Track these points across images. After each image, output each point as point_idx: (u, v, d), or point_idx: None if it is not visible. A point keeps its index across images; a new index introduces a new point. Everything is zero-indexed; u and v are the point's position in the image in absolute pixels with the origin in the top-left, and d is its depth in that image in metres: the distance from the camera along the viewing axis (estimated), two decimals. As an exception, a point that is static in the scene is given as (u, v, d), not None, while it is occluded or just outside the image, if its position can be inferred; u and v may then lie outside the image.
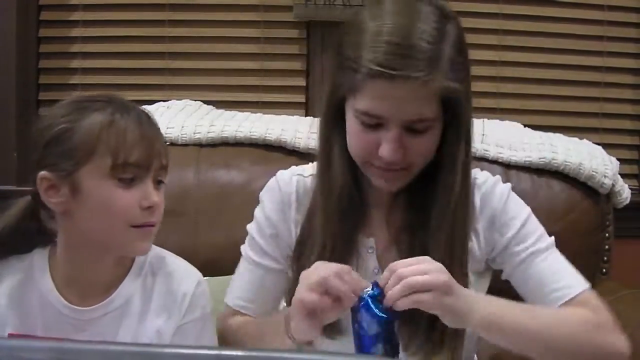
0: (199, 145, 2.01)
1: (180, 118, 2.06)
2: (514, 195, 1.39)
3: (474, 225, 1.35)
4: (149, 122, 1.24)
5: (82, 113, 1.20)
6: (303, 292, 1.17)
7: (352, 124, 1.27)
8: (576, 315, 1.28)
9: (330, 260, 1.25)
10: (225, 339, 1.42)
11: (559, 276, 1.32)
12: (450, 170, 1.29)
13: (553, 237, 1.38)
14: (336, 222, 1.32)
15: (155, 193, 1.22)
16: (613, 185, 1.97)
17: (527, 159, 1.95)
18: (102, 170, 1.18)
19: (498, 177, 1.41)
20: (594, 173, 1.94)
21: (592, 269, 1.99)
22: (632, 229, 2.25)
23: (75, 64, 2.45)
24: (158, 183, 1.24)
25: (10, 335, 1.21)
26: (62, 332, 1.22)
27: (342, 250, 1.31)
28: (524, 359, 1.28)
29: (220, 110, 2.18)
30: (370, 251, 1.36)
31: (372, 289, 1.17)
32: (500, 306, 1.23)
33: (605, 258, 2.00)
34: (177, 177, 1.96)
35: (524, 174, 1.96)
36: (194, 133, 2.01)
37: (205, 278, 1.88)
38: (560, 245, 1.91)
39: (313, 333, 1.20)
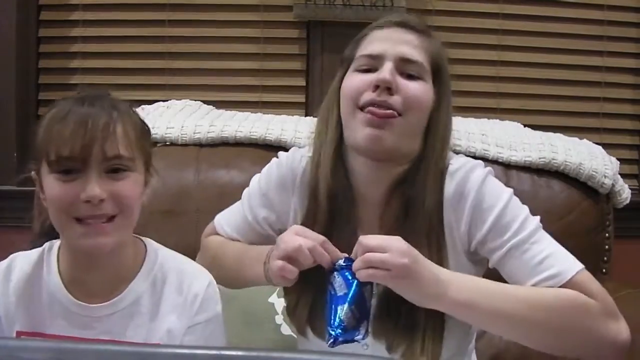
0: (199, 145, 2.01)
1: (180, 118, 2.06)
2: (490, 181, 1.33)
3: (447, 216, 1.32)
4: (98, 111, 1.18)
5: (44, 119, 1.21)
6: (279, 263, 1.26)
7: (349, 74, 1.36)
8: (561, 297, 1.23)
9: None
10: (204, 253, 1.53)
11: (545, 265, 1.26)
12: (430, 154, 1.33)
13: (538, 218, 1.32)
14: (330, 214, 1.34)
15: (95, 185, 1.15)
16: (613, 185, 1.97)
17: (527, 159, 1.95)
18: (45, 166, 1.19)
19: (477, 162, 1.36)
20: (594, 173, 1.94)
21: (592, 269, 1.97)
22: (632, 229, 2.25)
23: (75, 64, 2.45)
24: (116, 172, 1.19)
25: (19, 334, 1.20)
26: (71, 330, 1.21)
27: (336, 243, 1.30)
28: (524, 359, 1.28)
29: (220, 110, 2.18)
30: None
31: (345, 260, 1.25)
32: (475, 289, 1.23)
33: (605, 258, 2.00)
34: (177, 177, 1.96)
35: (524, 174, 1.96)
36: (194, 133, 2.01)
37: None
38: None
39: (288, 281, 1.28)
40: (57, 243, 1.27)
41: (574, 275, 1.26)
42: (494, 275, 1.33)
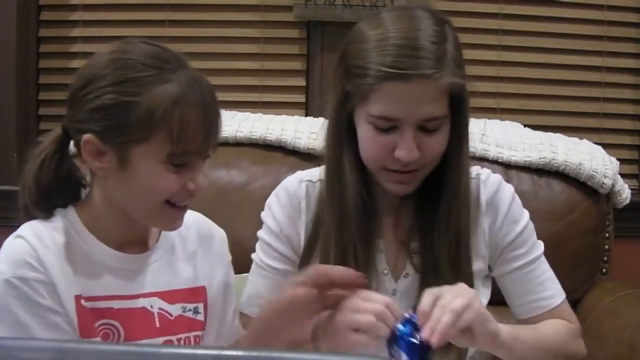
0: (199, 145, 2.01)
1: (180, 118, 2.06)
2: (517, 197, 1.42)
3: (479, 222, 1.37)
4: (212, 97, 1.17)
5: (140, 84, 1.12)
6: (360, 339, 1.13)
7: (365, 131, 1.29)
8: (555, 327, 1.37)
9: (341, 262, 1.27)
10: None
11: (544, 287, 1.40)
12: (456, 167, 1.32)
13: (542, 245, 1.42)
14: (349, 228, 1.33)
15: (201, 176, 1.17)
16: (613, 185, 1.97)
17: (527, 159, 1.95)
18: (157, 154, 1.12)
19: (499, 175, 1.43)
20: (594, 173, 1.94)
21: (592, 269, 1.99)
22: (632, 229, 2.25)
23: (75, 63, 2.45)
24: (205, 159, 1.19)
25: (78, 298, 1.16)
26: (119, 286, 1.19)
27: (354, 253, 1.32)
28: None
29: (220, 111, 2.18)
30: (379, 253, 1.37)
31: (404, 324, 1.11)
32: (507, 326, 1.26)
33: (605, 258, 2.01)
34: (177, 177, 1.96)
35: (524, 174, 1.96)
36: (194, 133, 2.01)
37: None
38: (560, 245, 1.92)
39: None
40: (70, 215, 1.20)
41: (561, 302, 1.41)
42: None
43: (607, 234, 1.99)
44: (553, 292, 1.41)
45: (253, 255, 1.46)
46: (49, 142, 1.21)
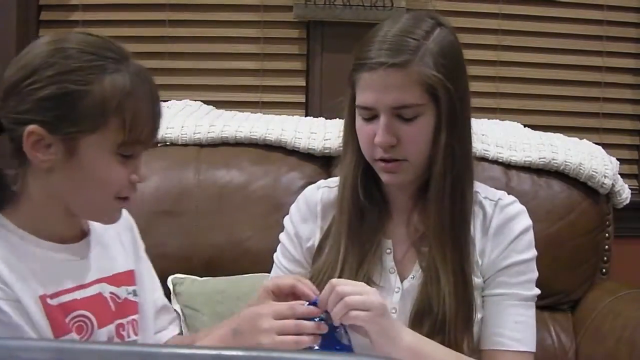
0: (199, 145, 2.02)
1: (180, 118, 2.06)
2: (531, 233, 1.40)
3: (483, 244, 1.37)
4: (157, 92, 1.17)
5: (94, 73, 1.09)
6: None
7: (357, 121, 1.36)
8: None
9: (350, 260, 1.33)
10: None
11: (516, 327, 1.35)
12: (440, 165, 1.32)
13: (538, 292, 1.39)
14: (356, 224, 1.37)
15: (143, 168, 1.17)
16: (613, 185, 1.97)
17: (527, 159, 1.95)
18: (108, 144, 1.10)
19: (523, 208, 1.41)
20: (594, 173, 1.94)
21: (592, 269, 1.99)
22: (632, 229, 2.25)
23: (75, 64, 2.45)
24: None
25: (44, 297, 1.13)
26: (74, 278, 1.18)
27: (361, 250, 1.36)
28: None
29: (220, 111, 2.19)
30: (388, 252, 1.39)
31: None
32: (421, 337, 1.27)
33: (605, 258, 2.01)
34: (177, 177, 1.96)
35: (524, 174, 1.96)
36: (194, 133, 2.01)
37: (205, 278, 1.90)
38: (560, 245, 1.92)
39: None
40: (2, 221, 1.15)
41: (524, 351, 1.35)
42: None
43: (607, 234, 1.99)
44: (521, 336, 1.35)
45: (274, 256, 1.49)
46: None
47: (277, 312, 1.18)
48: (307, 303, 1.21)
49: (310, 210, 1.46)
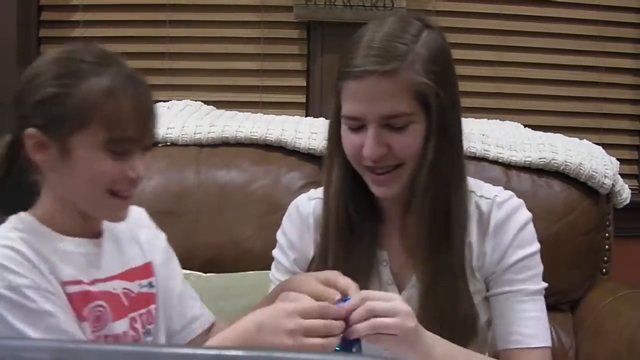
0: (200, 145, 2.02)
1: (180, 118, 2.06)
2: (531, 226, 1.37)
3: (484, 244, 1.35)
4: (146, 92, 1.22)
5: (77, 77, 1.17)
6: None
7: (343, 131, 1.31)
8: None
9: (344, 273, 1.24)
10: None
11: (527, 323, 1.32)
12: (425, 177, 1.29)
13: (545, 285, 1.36)
14: (347, 238, 1.34)
15: (141, 165, 1.20)
16: (613, 185, 1.97)
17: (527, 159, 1.95)
18: (95, 141, 1.16)
19: (522, 201, 1.39)
20: (594, 173, 1.94)
21: (592, 269, 1.99)
22: (632, 229, 2.25)
23: (76, 64, 2.45)
24: (143, 151, 1.22)
25: (65, 283, 1.17)
26: (90, 272, 1.21)
27: (356, 263, 1.31)
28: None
29: (221, 111, 2.19)
30: (384, 264, 1.37)
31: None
32: (453, 352, 1.24)
33: (605, 258, 2.00)
34: (177, 177, 1.96)
35: (524, 174, 1.96)
36: (195, 133, 2.01)
37: (206, 275, 1.90)
38: (560, 245, 1.92)
39: None
40: (24, 217, 1.21)
41: (541, 347, 1.33)
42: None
43: (607, 234, 1.99)
44: (535, 332, 1.32)
45: (270, 274, 1.46)
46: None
47: (306, 311, 1.14)
48: (337, 299, 1.16)
49: (303, 222, 1.42)
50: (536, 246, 1.36)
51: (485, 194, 1.37)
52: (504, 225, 1.35)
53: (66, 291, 1.17)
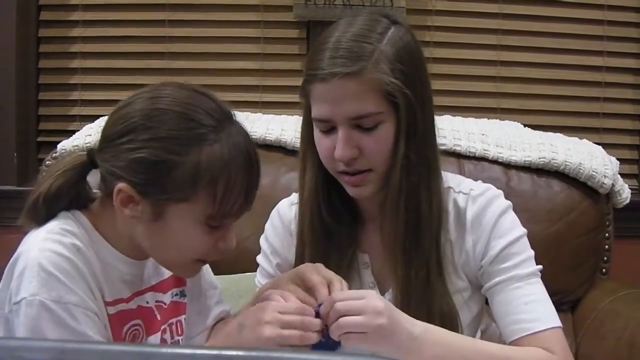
0: (199, 145, 2.01)
1: (180, 118, 2.06)
2: (510, 213, 1.35)
3: (464, 240, 1.33)
4: (257, 160, 1.17)
5: (190, 144, 1.09)
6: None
7: (315, 135, 1.31)
8: (528, 356, 1.25)
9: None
10: None
11: (528, 308, 1.28)
12: (397, 177, 1.27)
13: (540, 267, 1.33)
14: (323, 243, 1.33)
15: (233, 236, 1.16)
16: (613, 185, 1.97)
17: (527, 159, 1.95)
18: (196, 215, 1.10)
19: (499, 192, 1.37)
20: (594, 173, 1.94)
21: (592, 269, 1.99)
22: (632, 229, 2.25)
23: (75, 64, 2.45)
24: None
25: (107, 304, 1.15)
26: (129, 291, 1.20)
27: (334, 267, 1.28)
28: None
29: (220, 110, 2.18)
30: (365, 267, 1.36)
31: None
32: (449, 344, 1.21)
33: (605, 258, 2.01)
34: (177, 177, 1.96)
35: (524, 174, 1.96)
36: (194, 133, 2.01)
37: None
38: (560, 245, 1.92)
39: None
40: (81, 220, 1.17)
41: (548, 328, 1.28)
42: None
43: (607, 234, 1.99)
44: (537, 315, 1.28)
45: (255, 280, 1.46)
46: (70, 166, 1.17)
47: (283, 307, 1.14)
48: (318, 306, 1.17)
49: (285, 228, 1.42)
50: (519, 231, 1.33)
51: (463, 189, 1.35)
52: (480, 218, 1.33)
53: (108, 312, 1.15)
